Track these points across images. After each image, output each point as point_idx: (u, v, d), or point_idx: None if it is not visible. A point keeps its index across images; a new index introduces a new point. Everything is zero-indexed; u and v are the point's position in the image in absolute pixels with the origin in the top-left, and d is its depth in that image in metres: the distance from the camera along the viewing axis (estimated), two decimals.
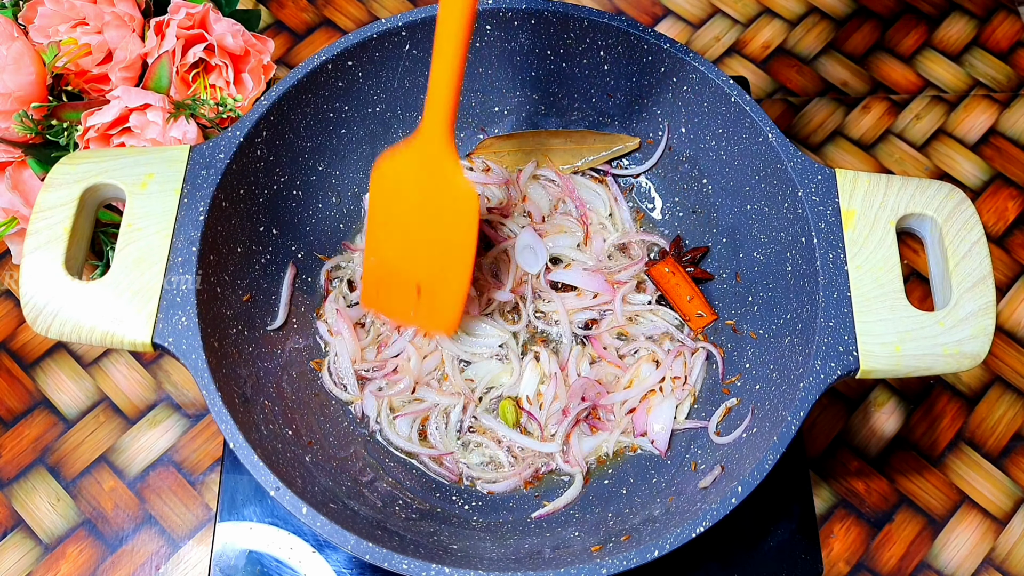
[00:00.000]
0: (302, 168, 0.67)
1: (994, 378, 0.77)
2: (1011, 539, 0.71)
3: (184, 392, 0.75)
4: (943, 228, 0.56)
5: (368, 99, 0.68)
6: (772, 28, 0.93)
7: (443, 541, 0.58)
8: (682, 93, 0.67)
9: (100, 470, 0.72)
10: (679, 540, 0.50)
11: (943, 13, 0.94)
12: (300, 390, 0.65)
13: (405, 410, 0.67)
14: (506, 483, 0.65)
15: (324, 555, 0.66)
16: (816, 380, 0.53)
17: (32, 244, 0.55)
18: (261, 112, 0.61)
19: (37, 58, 0.65)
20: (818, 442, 0.74)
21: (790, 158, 0.59)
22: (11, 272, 0.79)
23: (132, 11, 0.69)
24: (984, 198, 0.84)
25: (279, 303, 0.67)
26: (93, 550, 0.69)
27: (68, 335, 0.54)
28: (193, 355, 0.53)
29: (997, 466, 0.73)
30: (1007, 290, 0.80)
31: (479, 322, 0.69)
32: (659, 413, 0.66)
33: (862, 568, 0.70)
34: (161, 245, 0.55)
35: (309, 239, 0.70)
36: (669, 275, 0.71)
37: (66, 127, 0.66)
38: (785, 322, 0.61)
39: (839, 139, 0.87)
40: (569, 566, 0.49)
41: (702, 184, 0.71)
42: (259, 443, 0.53)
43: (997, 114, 0.88)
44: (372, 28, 0.64)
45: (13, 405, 0.74)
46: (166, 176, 0.57)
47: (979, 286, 0.54)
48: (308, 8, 0.93)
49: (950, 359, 0.53)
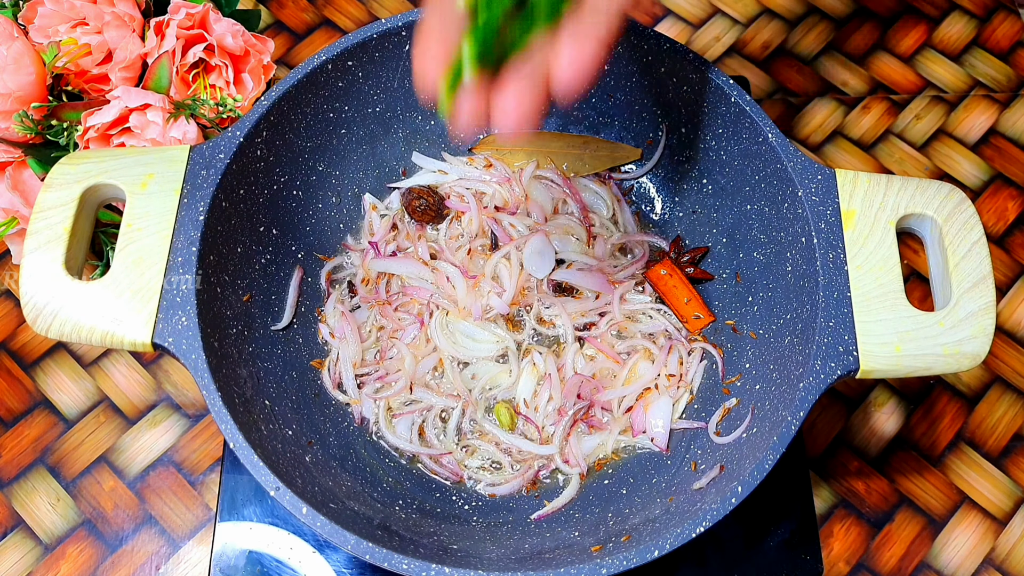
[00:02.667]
0: (302, 168, 0.67)
1: (994, 378, 0.77)
2: (1011, 539, 0.71)
3: (184, 392, 0.75)
4: (943, 228, 0.56)
5: (368, 99, 0.68)
6: (772, 28, 0.93)
7: (443, 541, 0.58)
8: (682, 93, 0.67)
9: (100, 470, 0.72)
10: (679, 540, 0.50)
11: (943, 13, 0.94)
12: (300, 390, 0.65)
13: (403, 411, 0.67)
14: (508, 485, 0.65)
15: (324, 555, 0.66)
16: (816, 380, 0.53)
17: (32, 244, 0.55)
18: (261, 112, 0.61)
19: (37, 58, 0.65)
20: (818, 442, 0.74)
21: (790, 158, 0.59)
22: (11, 272, 0.79)
23: (132, 11, 0.69)
24: (984, 198, 0.84)
25: (281, 303, 0.67)
26: (93, 550, 0.69)
27: (68, 335, 0.54)
28: (193, 355, 0.53)
29: (997, 466, 0.73)
30: (1007, 290, 0.80)
31: (481, 328, 0.69)
32: (657, 410, 0.66)
33: (862, 568, 0.70)
34: (161, 245, 0.55)
35: (309, 239, 0.70)
36: (666, 277, 0.71)
37: (66, 127, 0.66)
38: (785, 322, 0.61)
39: (839, 139, 0.87)
40: (569, 566, 0.49)
41: (702, 184, 0.71)
42: (259, 443, 0.53)
43: (997, 114, 0.88)
44: (372, 28, 0.64)
45: (13, 405, 0.74)
46: (166, 176, 0.57)
47: (979, 286, 0.54)
48: (308, 8, 0.93)
49: (950, 359, 0.53)
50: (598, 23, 0.43)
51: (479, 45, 0.42)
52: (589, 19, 0.43)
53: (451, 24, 0.43)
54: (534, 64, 0.43)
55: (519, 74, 0.43)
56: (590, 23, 0.43)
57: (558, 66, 0.42)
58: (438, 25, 0.43)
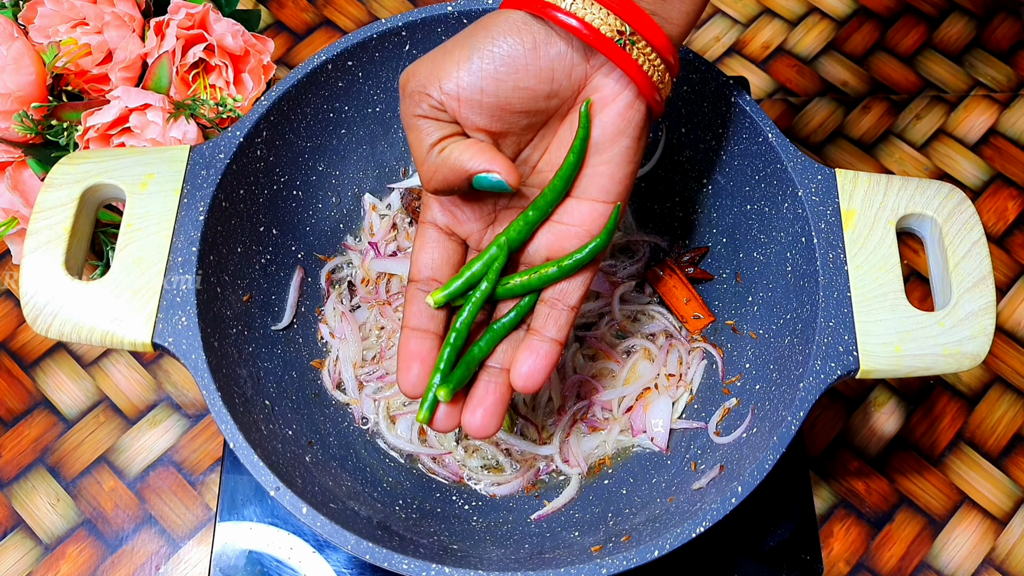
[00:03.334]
0: (302, 168, 0.67)
1: (994, 378, 0.77)
2: (1011, 539, 0.71)
3: (184, 392, 0.75)
4: (943, 228, 0.56)
5: (368, 99, 0.68)
6: (772, 28, 0.93)
7: (443, 541, 0.58)
8: (682, 93, 0.67)
9: (100, 470, 0.72)
10: (679, 540, 0.50)
11: (943, 13, 0.94)
12: (300, 390, 0.65)
13: (403, 411, 0.67)
14: (508, 486, 0.65)
15: (324, 555, 0.66)
16: (816, 380, 0.53)
17: (32, 244, 0.55)
18: (261, 112, 0.61)
19: (37, 58, 0.65)
20: (818, 442, 0.74)
21: (790, 158, 0.59)
22: (11, 272, 0.79)
23: (132, 11, 0.69)
24: (984, 198, 0.84)
25: (281, 303, 0.67)
26: (93, 550, 0.69)
27: (68, 335, 0.54)
28: (193, 355, 0.53)
29: (997, 466, 0.73)
30: (1007, 290, 0.80)
31: None
32: (656, 410, 0.66)
33: (862, 568, 0.70)
34: (161, 245, 0.55)
35: (309, 239, 0.70)
36: (666, 277, 0.71)
37: (66, 127, 0.66)
38: (785, 322, 0.61)
39: (839, 139, 0.87)
40: (569, 566, 0.49)
41: (702, 184, 0.71)
42: (259, 443, 0.53)
43: (997, 114, 0.88)
44: (372, 28, 0.64)
45: (13, 405, 0.74)
46: (166, 176, 0.57)
47: (979, 286, 0.54)
48: (308, 8, 0.93)
49: (950, 359, 0.53)
50: (559, 323, 0.51)
51: (452, 384, 0.50)
52: (551, 318, 0.51)
53: (429, 345, 0.51)
54: (497, 372, 0.51)
55: (483, 392, 0.51)
56: (550, 326, 0.51)
57: (517, 374, 0.50)
58: (416, 349, 0.51)
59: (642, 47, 0.46)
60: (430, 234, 0.52)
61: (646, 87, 0.47)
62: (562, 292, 0.51)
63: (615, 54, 0.46)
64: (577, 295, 0.52)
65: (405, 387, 0.51)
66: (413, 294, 0.52)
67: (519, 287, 0.51)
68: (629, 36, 0.46)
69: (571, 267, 0.51)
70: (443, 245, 0.52)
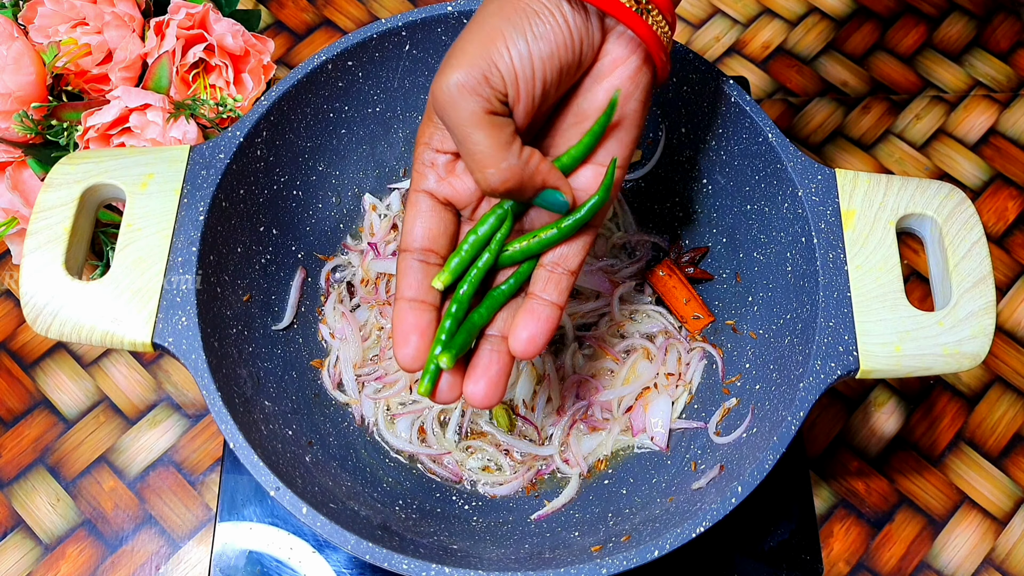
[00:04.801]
0: (302, 168, 0.67)
1: (994, 378, 0.77)
2: (1011, 539, 0.71)
3: (184, 392, 0.75)
4: (943, 228, 0.56)
5: (368, 99, 0.68)
6: (772, 28, 0.93)
7: (443, 541, 0.58)
8: (682, 93, 0.67)
9: (100, 470, 0.72)
10: (679, 540, 0.50)
11: (943, 13, 0.94)
12: (300, 390, 0.65)
13: (403, 411, 0.67)
14: (508, 486, 0.65)
15: (324, 555, 0.66)
16: (816, 380, 0.53)
17: (32, 244, 0.55)
18: (261, 112, 0.61)
19: (37, 58, 0.65)
20: (818, 442, 0.74)
21: (790, 158, 0.59)
22: (11, 272, 0.79)
23: (132, 11, 0.69)
24: (984, 198, 0.84)
25: (281, 303, 0.67)
26: (93, 550, 0.69)
27: (68, 335, 0.54)
28: (193, 355, 0.53)
29: (997, 466, 0.73)
30: (1007, 290, 0.80)
31: None
32: (656, 409, 0.66)
33: (862, 568, 0.70)
34: (161, 245, 0.55)
35: (309, 239, 0.70)
36: (666, 278, 0.71)
37: (66, 127, 0.66)
38: (785, 322, 0.61)
39: (839, 139, 0.87)
40: (569, 566, 0.49)
41: (702, 184, 0.71)
42: (259, 443, 0.53)
43: (997, 114, 0.88)
44: (372, 28, 0.64)
45: (13, 405, 0.74)
46: (166, 176, 0.57)
47: (979, 286, 0.54)
48: (308, 8, 0.93)
49: (950, 359, 0.53)
50: (560, 287, 0.50)
51: (454, 350, 0.48)
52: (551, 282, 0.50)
53: (428, 317, 0.50)
54: (497, 340, 0.51)
55: (487, 361, 0.50)
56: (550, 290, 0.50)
57: (516, 340, 0.49)
58: (414, 321, 0.50)
59: (655, 15, 0.46)
60: (424, 203, 0.51)
61: (657, 50, 0.47)
62: (562, 256, 0.50)
63: (632, 21, 0.45)
64: (577, 259, 0.50)
65: (403, 360, 0.49)
66: (408, 264, 0.50)
67: (519, 253, 0.50)
68: (645, 5, 0.46)
69: (571, 228, 0.49)
70: (438, 215, 0.51)
